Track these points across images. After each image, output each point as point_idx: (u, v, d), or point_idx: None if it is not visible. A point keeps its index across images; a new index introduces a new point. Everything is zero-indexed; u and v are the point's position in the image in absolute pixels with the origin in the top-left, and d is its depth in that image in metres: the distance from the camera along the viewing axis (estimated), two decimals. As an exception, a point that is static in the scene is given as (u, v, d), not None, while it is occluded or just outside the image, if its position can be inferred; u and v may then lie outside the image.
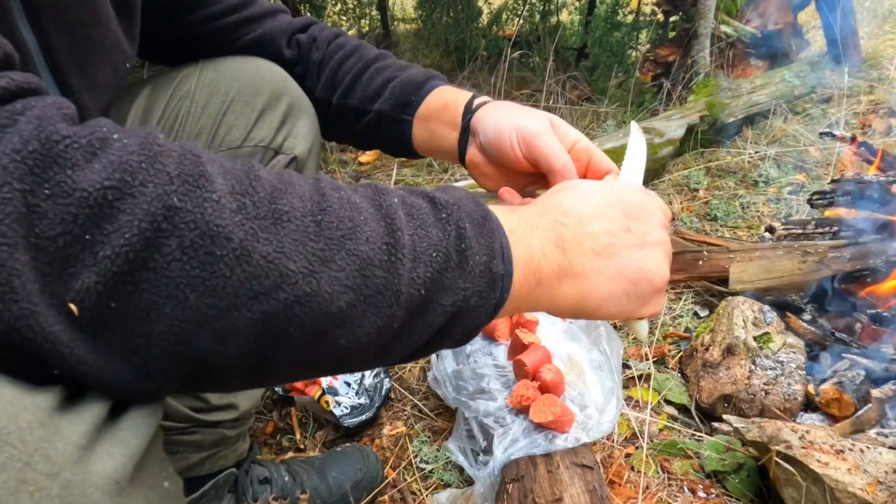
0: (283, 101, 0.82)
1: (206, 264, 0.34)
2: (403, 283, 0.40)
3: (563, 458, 0.99)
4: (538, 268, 0.49)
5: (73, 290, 0.32)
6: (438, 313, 0.43)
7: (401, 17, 4.02)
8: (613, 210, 0.53)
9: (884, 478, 0.94)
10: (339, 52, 0.86)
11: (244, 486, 1.00)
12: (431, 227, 0.43)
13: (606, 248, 0.51)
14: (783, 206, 2.05)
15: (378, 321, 0.40)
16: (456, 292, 0.43)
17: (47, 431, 0.32)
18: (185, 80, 0.82)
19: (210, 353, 0.36)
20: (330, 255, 0.38)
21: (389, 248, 0.40)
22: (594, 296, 0.51)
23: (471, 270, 0.44)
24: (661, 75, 2.97)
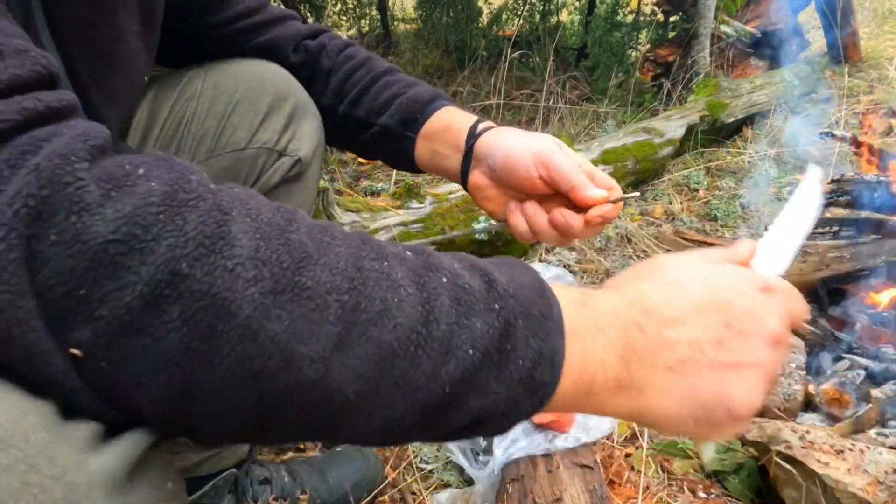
0: (287, 102, 0.83)
1: (206, 338, 0.32)
2: (425, 380, 0.36)
3: (563, 458, 0.99)
4: (592, 380, 0.42)
5: (73, 340, 0.32)
6: (462, 413, 0.38)
7: (401, 17, 4.02)
8: (710, 316, 0.44)
9: (884, 478, 0.94)
10: (349, 63, 0.87)
11: (244, 487, 1.00)
12: (477, 317, 0.38)
13: (683, 364, 0.43)
14: (783, 207, 2.04)
15: (388, 416, 0.37)
16: (486, 395, 0.38)
17: (51, 434, 0.32)
18: (191, 82, 0.83)
19: (202, 423, 0.35)
20: (348, 340, 0.35)
21: (418, 339, 0.36)
22: (653, 414, 0.44)
23: (509, 376, 0.39)
24: (661, 75, 2.97)
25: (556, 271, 1.45)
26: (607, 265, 1.77)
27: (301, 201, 0.89)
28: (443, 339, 0.37)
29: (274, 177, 0.84)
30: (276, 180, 0.84)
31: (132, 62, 0.68)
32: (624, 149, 2.16)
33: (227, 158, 0.82)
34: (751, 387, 0.43)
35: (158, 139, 0.82)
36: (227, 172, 0.82)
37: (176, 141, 0.82)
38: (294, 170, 0.85)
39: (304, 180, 0.88)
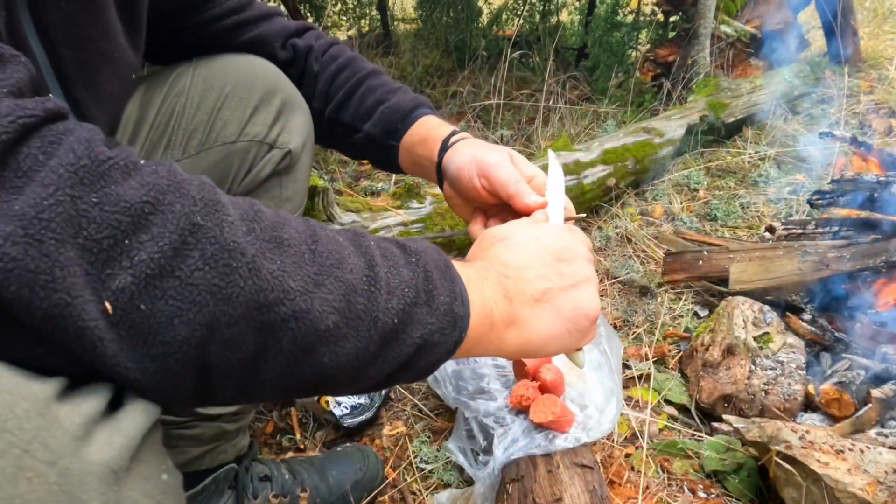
0: (276, 96, 0.84)
1: (223, 274, 0.38)
2: (380, 311, 0.45)
3: (563, 458, 0.99)
4: (490, 314, 0.54)
5: (111, 289, 0.35)
6: (408, 344, 0.47)
7: (401, 17, 4.01)
8: (545, 257, 0.59)
9: (884, 478, 0.94)
10: (333, 65, 0.89)
11: (244, 483, 1.00)
12: (403, 267, 0.49)
13: (544, 294, 0.57)
14: (783, 206, 2.05)
15: (357, 343, 0.44)
16: (423, 326, 0.48)
17: (45, 420, 0.33)
18: (180, 78, 0.83)
19: (216, 359, 0.39)
20: (321, 279, 0.43)
21: (369, 280, 0.46)
22: (536, 339, 0.57)
23: (436, 308, 0.49)
24: (661, 75, 2.97)
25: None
26: (607, 265, 1.77)
27: (292, 193, 0.90)
28: (385, 280, 0.46)
29: (265, 169, 0.85)
30: (267, 173, 0.85)
31: (119, 60, 0.69)
32: (624, 149, 2.16)
33: (218, 152, 0.82)
34: (591, 294, 0.60)
35: (149, 135, 0.83)
36: (218, 166, 0.83)
37: (166, 136, 0.83)
38: (284, 162, 0.86)
39: (295, 172, 0.89)
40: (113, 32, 0.67)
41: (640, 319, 1.55)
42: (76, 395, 0.36)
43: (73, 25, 0.60)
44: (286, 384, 0.43)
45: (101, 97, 0.67)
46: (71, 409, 0.35)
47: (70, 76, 0.62)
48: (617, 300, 1.63)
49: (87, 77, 0.64)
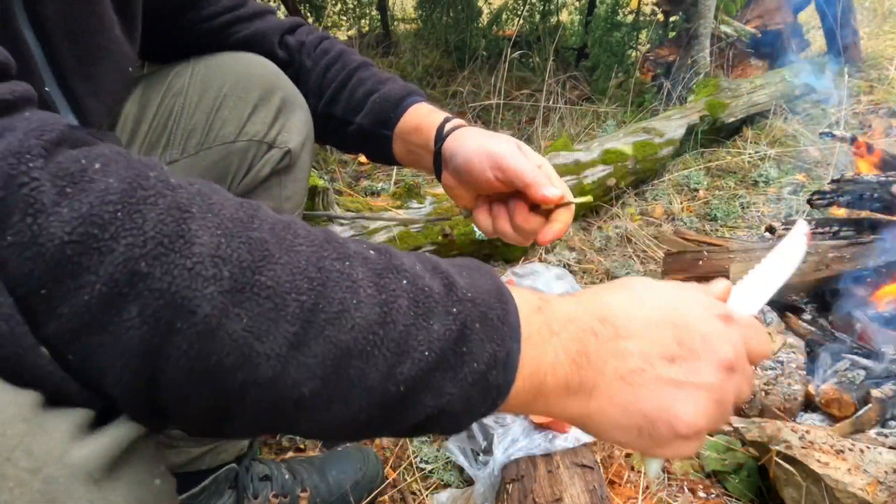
0: (276, 95, 0.83)
1: (165, 334, 0.33)
2: (378, 380, 0.37)
3: (563, 458, 0.99)
4: (542, 382, 0.43)
5: (41, 335, 0.32)
6: (416, 411, 0.39)
7: (401, 17, 4.02)
8: (665, 332, 0.45)
9: (884, 478, 0.94)
10: (325, 59, 0.89)
11: (244, 483, 1.00)
12: (435, 319, 0.39)
13: (633, 374, 0.44)
14: (783, 206, 2.05)
15: (344, 412, 0.37)
16: (441, 395, 0.39)
17: (30, 426, 0.32)
18: (178, 78, 0.83)
19: (171, 413, 0.36)
20: (305, 339, 0.35)
21: (375, 340, 0.37)
22: (599, 419, 0.45)
23: (462, 378, 0.39)
24: (661, 75, 2.97)
25: (557, 271, 1.45)
26: (607, 265, 1.77)
27: (292, 193, 0.90)
28: (399, 340, 0.37)
29: (264, 169, 0.84)
30: (267, 172, 0.85)
31: (116, 52, 0.68)
32: (624, 149, 2.16)
33: (217, 152, 0.82)
34: (697, 408, 0.44)
35: (147, 135, 0.83)
36: (217, 166, 0.82)
37: (165, 136, 0.82)
38: (284, 161, 0.85)
39: (295, 172, 0.89)
40: (109, 25, 0.66)
41: (640, 319, 1.55)
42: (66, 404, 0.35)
43: (69, 18, 0.59)
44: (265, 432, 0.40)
45: (99, 91, 0.67)
46: (58, 416, 0.33)
47: (67, 69, 0.61)
48: (617, 300, 1.63)
49: (84, 70, 0.63)
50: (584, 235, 1.95)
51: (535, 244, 1.68)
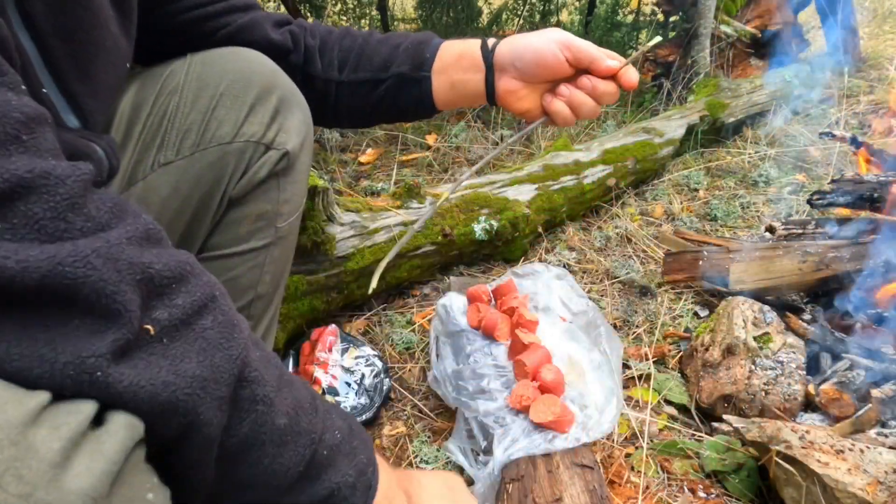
0: (273, 94, 0.81)
1: (227, 338, 0.46)
2: (318, 434, 0.54)
3: (563, 458, 0.99)
4: (392, 499, 0.62)
5: (151, 316, 0.42)
6: (325, 486, 0.54)
7: (401, 17, 4.02)
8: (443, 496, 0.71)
9: (884, 478, 0.94)
10: (334, 34, 0.91)
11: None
12: (336, 417, 0.58)
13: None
14: (783, 206, 2.05)
15: (294, 456, 0.51)
16: (341, 474, 0.55)
17: (19, 450, 0.31)
18: (173, 76, 0.81)
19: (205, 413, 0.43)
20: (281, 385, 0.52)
21: (312, 407, 0.55)
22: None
23: (355, 464, 0.57)
24: (661, 75, 2.97)
25: (557, 271, 1.45)
26: (607, 265, 1.77)
27: (290, 196, 0.88)
28: (324, 416, 0.56)
29: (261, 171, 0.83)
30: (264, 174, 0.83)
31: (113, 49, 0.67)
32: (624, 149, 2.16)
33: (213, 153, 0.80)
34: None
35: (141, 135, 0.81)
36: (213, 167, 0.81)
37: (160, 136, 0.80)
38: (282, 163, 0.84)
39: (293, 174, 0.87)
40: (105, 21, 0.65)
41: (640, 319, 1.55)
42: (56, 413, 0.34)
43: (61, 15, 0.58)
44: (217, 479, 0.47)
45: (97, 89, 0.65)
46: (49, 433, 0.33)
47: (63, 69, 0.60)
48: (617, 300, 1.63)
49: (80, 69, 0.62)
50: (584, 235, 1.95)
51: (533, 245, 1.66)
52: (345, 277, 1.47)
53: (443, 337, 1.31)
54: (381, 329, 1.53)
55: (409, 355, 1.47)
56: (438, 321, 1.34)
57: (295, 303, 1.39)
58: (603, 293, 1.66)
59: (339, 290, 1.48)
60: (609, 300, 1.63)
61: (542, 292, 1.36)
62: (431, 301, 1.63)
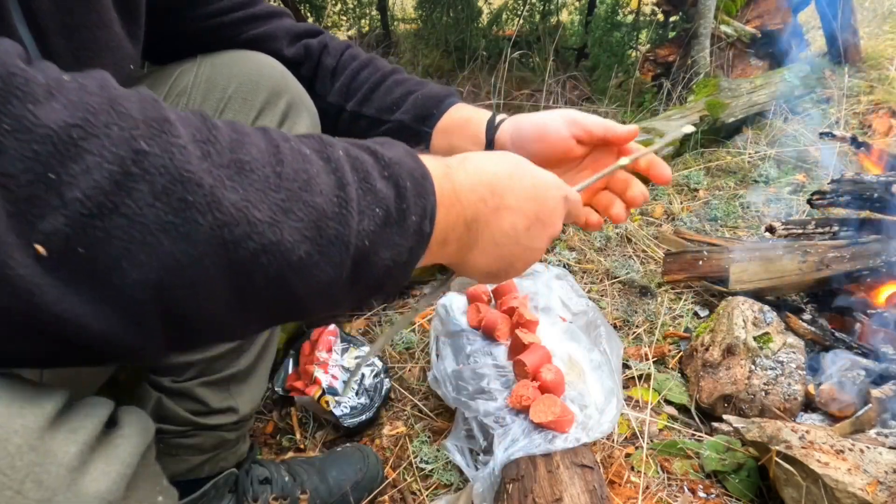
0: (282, 98, 0.81)
1: (178, 210, 0.33)
2: (353, 236, 0.42)
3: (563, 458, 0.99)
4: (446, 237, 0.53)
5: (41, 231, 0.31)
6: (378, 266, 0.45)
7: (401, 17, 4.02)
8: (530, 207, 0.57)
9: (884, 478, 0.94)
10: (355, 62, 0.88)
11: (244, 487, 1.00)
12: (376, 181, 0.44)
13: (503, 237, 0.57)
14: (783, 206, 2.05)
15: (330, 271, 0.41)
16: (393, 247, 0.45)
17: (38, 455, 0.31)
18: (182, 77, 0.81)
19: (183, 302, 0.36)
20: (290, 205, 0.39)
21: (340, 201, 0.41)
22: (472, 266, 0.58)
23: (407, 228, 0.46)
24: (661, 75, 2.97)
25: (557, 271, 1.45)
26: (607, 265, 1.77)
27: None
28: (358, 200, 0.43)
29: None
30: None
31: (116, 49, 0.67)
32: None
33: None
34: (530, 259, 0.60)
35: None
36: None
37: None
38: None
39: None
40: (108, 21, 0.65)
41: (640, 319, 1.55)
42: (71, 418, 0.34)
43: (66, 13, 0.58)
44: (262, 320, 0.42)
45: None
46: (66, 438, 0.33)
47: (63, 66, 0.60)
48: (617, 300, 1.63)
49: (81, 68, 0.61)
50: (583, 235, 1.95)
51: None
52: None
53: (443, 337, 1.31)
54: (381, 329, 1.53)
55: (409, 355, 1.47)
56: (438, 321, 1.34)
57: (295, 303, 1.39)
58: (603, 293, 1.66)
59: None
60: (609, 300, 1.63)
61: (542, 292, 1.36)
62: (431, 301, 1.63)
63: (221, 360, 0.89)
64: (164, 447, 0.90)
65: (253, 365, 0.93)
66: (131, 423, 0.37)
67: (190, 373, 0.88)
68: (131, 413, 0.38)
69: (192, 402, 0.89)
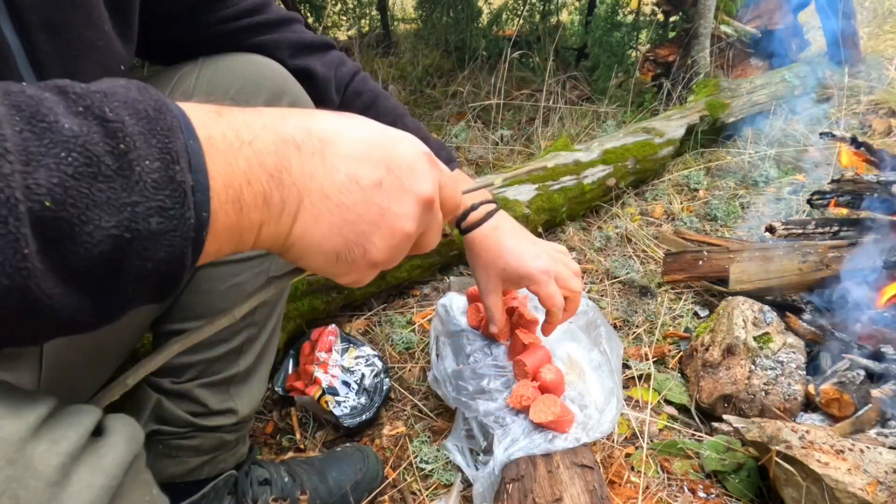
0: (283, 100, 0.81)
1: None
2: (17, 190, 0.30)
3: (563, 458, 0.99)
4: (239, 195, 0.38)
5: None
6: (97, 238, 0.32)
7: (401, 17, 4.02)
8: (373, 151, 0.43)
9: (884, 478, 0.94)
10: (357, 101, 0.86)
11: (244, 488, 1.00)
12: (59, 118, 0.32)
13: (340, 193, 0.42)
14: (783, 206, 2.05)
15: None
16: (120, 209, 0.33)
17: (16, 469, 0.30)
18: (183, 79, 0.81)
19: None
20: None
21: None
22: (303, 244, 0.43)
23: (140, 179, 0.33)
24: (661, 75, 2.97)
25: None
26: (607, 265, 1.77)
27: None
28: (17, 145, 0.30)
29: None
30: None
31: (104, 49, 0.65)
32: (624, 149, 2.16)
33: None
34: (392, 237, 0.44)
35: None
36: None
37: None
38: None
39: None
40: (97, 20, 0.63)
41: (640, 319, 1.55)
42: (54, 428, 0.33)
43: (51, 9, 0.57)
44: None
45: None
46: (48, 449, 0.32)
47: (47, 64, 0.58)
48: (617, 300, 1.63)
49: (65, 65, 0.60)
50: (583, 235, 1.95)
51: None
52: (345, 277, 1.47)
53: (443, 337, 1.31)
54: (381, 329, 1.53)
55: (409, 355, 1.47)
56: (438, 321, 1.34)
57: (295, 303, 1.39)
58: (603, 293, 1.66)
59: (339, 290, 1.48)
60: (609, 300, 1.62)
61: (542, 292, 1.36)
62: (431, 301, 1.63)
63: (221, 361, 0.89)
64: (162, 448, 0.90)
65: (253, 366, 0.93)
66: (117, 430, 0.36)
67: (189, 374, 0.88)
68: (118, 420, 0.37)
69: (191, 404, 0.89)
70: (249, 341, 0.91)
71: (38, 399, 0.34)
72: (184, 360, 0.88)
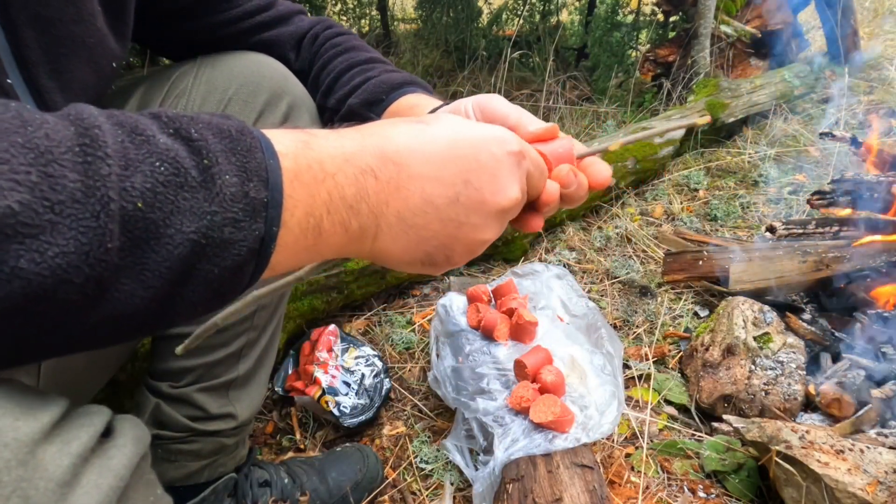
0: (283, 100, 0.80)
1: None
2: (111, 188, 0.32)
3: (563, 458, 0.99)
4: (318, 224, 0.40)
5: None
6: (178, 241, 0.34)
7: (401, 17, 4.02)
8: (450, 168, 0.43)
9: (884, 478, 0.94)
10: (330, 52, 0.84)
11: (244, 490, 1.00)
12: (154, 135, 0.35)
13: (414, 216, 0.43)
14: (783, 206, 2.05)
15: (79, 235, 0.31)
16: (200, 217, 0.35)
17: (27, 470, 0.30)
18: (182, 78, 0.80)
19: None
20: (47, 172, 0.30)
21: (83, 149, 0.32)
22: (384, 258, 0.46)
23: (219, 191, 0.36)
24: (661, 75, 2.97)
25: (557, 271, 1.45)
26: (607, 265, 1.77)
27: None
28: (119, 150, 0.33)
29: None
30: None
31: (95, 46, 0.64)
32: (624, 149, 2.16)
33: None
34: (471, 245, 0.46)
35: None
36: None
37: None
38: None
39: None
40: (89, 15, 0.62)
41: (640, 319, 1.55)
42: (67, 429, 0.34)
43: (40, 5, 0.56)
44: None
45: (71, 85, 0.62)
46: (58, 450, 0.32)
47: (33, 61, 0.57)
48: (617, 300, 1.63)
49: (52, 62, 0.59)
50: (583, 235, 1.95)
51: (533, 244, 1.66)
52: (345, 277, 1.47)
53: (443, 337, 1.31)
54: (381, 329, 1.53)
55: (409, 355, 1.47)
56: (438, 321, 1.34)
57: (295, 303, 1.39)
58: (603, 293, 1.66)
59: (339, 291, 1.48)
60: (609, 300, 1.62)
61: (542, 292, 1.36)
62: (431, 301, 1.63)
63: (220, 365, 0.89)
64: (162, 453, 0.89)
65: (252, 370, 0.93)
66: (125, 432, 0.36)
67: (188, 378, 0.88)
68: (125, 422, 0.37)
69: (190, 408, 0.89)
70: (249, 345, 0.90)
71: (53, 400, 0.34)
72: (183, 365, 0.87)
